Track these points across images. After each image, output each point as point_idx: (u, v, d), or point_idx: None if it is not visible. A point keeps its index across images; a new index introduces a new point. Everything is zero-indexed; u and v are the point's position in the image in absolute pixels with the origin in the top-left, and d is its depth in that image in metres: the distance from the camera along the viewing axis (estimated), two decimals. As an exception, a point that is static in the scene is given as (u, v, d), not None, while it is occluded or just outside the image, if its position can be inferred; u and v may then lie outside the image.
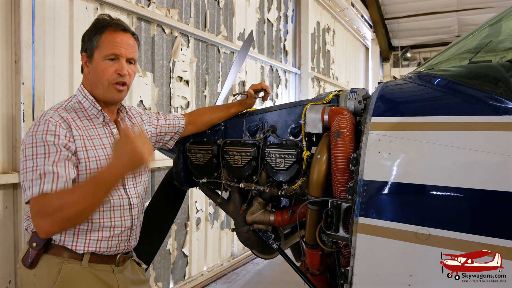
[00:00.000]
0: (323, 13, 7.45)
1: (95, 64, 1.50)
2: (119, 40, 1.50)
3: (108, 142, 1.53)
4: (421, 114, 1.29)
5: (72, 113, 1.48)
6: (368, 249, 1.23)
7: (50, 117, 1.40)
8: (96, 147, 1.48)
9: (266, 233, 1.83)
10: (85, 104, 1.53)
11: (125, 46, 1.51)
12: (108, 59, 1.49)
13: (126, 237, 1.57)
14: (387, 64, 12.20)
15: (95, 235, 1.47)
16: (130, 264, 1.67)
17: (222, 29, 4.39)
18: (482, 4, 9.27)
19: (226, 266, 4.47)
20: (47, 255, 1.44)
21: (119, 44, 1.50)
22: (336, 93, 1.67)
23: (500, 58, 1.76)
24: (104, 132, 1.54)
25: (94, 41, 1.50)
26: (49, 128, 1.37)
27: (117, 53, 1.49)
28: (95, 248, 1.47)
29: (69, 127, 1.42)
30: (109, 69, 1.49)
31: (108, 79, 1.49)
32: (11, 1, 2.29)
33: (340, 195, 1.40)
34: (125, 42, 1.51)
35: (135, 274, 1.67)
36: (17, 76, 2.30)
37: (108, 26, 1.50)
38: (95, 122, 1.53)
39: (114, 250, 1.53)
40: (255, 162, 1.76)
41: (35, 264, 1.44)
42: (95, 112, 1.53)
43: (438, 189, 1.17)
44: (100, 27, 1.51)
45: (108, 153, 1.50)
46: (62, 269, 1.43)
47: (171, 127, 1.87)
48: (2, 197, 2.27)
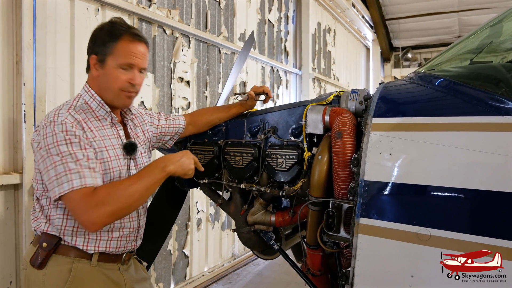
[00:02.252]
0: (324, 14, 7.45)
1: (107, 70, 1.49)
2: (134, 50, 1.50)
3: (117, 143, 1.54)
4: (422, 115, 1.29)
5: (82, 114, 1.48)
6: (369, 249, 1.23)
7: (65, 118, 1.39)
8: (107, 147, 1.49)
9: (267, 234, 1.83)
10: (92, 105, 1.52)
11: (140, 57, 1.51)
12: (122, 68, 1.49)
13: (133, 237, 1.60)
14: (388, 64, 12.20)
15: (105, 235, 1.49)
16: (133, 262, 1.69)
17: (223, 29, 4.39)
18: (483, 5, 9.26)
19: (227, 267, 4.47)
20: (56, 255, 1.46)
21: (135, 55, 1.50)
22: (337, 94, 1.67)
23: (501, 58, 1.76)
24: (112, 133, 1.54)
25: (108, 47, 1.48)
26: (67, 128, 1.38)
27: (132, 63, 1.49)
28: (105, 248, 1.49)
29: (82, 129, 1.42)
30: (122, 77, 1.49)
31: (120, 87, 1.50)
32: (13, 2, 2.29)
33: (341, 196, 1.40)
34: (140, 52, 1.51)
35: (138, 272, 1.69)
36: (18, 77, 2.30)
37: (125, 34, 1.49)
38: (103, 123, 1.53)
39: (122, 250, 1.56)
40: (256, 163, 1.76)
41: (45, 264, 1.44)
42: (103, 113, 1.53)
43: (439, 189, 1.17)
44: (116, 34, 1.49)
45: (118, 154, 1.51)
46: (72, 268, 1.44)
47: (171, 127, 1.87)
48: (4, 198, 2.28)
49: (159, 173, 1.45)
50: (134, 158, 1.61)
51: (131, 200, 1.36)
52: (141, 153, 1.66)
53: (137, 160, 1.62)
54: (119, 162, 1.51)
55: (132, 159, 1.60)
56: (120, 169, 1.51)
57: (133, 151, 1.57)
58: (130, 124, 1.69)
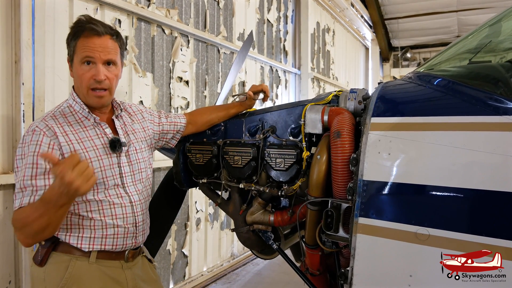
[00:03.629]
0: (323, 14, 7.45)
1: (75, 69, 1.51)
2: (91, 44, 1.46)
3: (101, 142, 1.53)
4: (421, 115, 1.29)
5: (60, 118, 1.49)
6: (368, 249, 1.23)
7: (36, 126, 1.43)
8: (87, 149, 1.48)
9: (266, 234, 1.83)
10: (76, 107, 1.54)
11: (100, 50, 1.47)
12: (84, 63, 1.47)
13: (132, 234, 1.58)
14: (387, 64, 12.20)
15: (99, 233, 1.49)
16: (142, 261, 1.68)
17: (222, 29, 4.39)
18: (482, 4, 9.27)
19: (226, 267, 4.47)
20: (56, 252, 1.48)
21: (93, 48, 1.46)
22: (336, 94, 1.67)
23: (500, 58, 1.76)
24: (96, 133, 1.53)
25: (72, 46, 1.50)
26: (33, 138, 1.41)
27: (91, 55, 1.46)
28: (100, 246, 1.50)
29: (54, 134, 1.43)
30: (86, 74, 1.48)
31: (86, 85, 1.49)
32: (11, 2, 2.29)
33: (340, 196, 1.40)
34: (99, 45, 1.47)
35: (145, 272, 1.68)
36: (17, 76, 2.30)
37: (84, 30, 1.47)
38: (86, 124, 1.53)
39: (121, 247, 1.55)
40: (255, 163, 1.76)
41: (45, 261, 1.47)
42: (85, 114, 1.53)
43: (438, 189, 1.17)
44: (75, 32, 1.49)
45: (100, 154, 1.51)
46: (69, 266, 1.46)
47: (172, 125, 1.87)
48: (2, 198, 2.27)
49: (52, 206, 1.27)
50: (128, 154, 1.60)
51: (35, 229, 1.30)
52: (135, 149, 1.64)
53: (130, 156, 1.60)
54: (101, 163, 1.50)
55: (124, 155, 1.58)
56: (102, 169, 1.49)
57: (115, 148, 1.53)
58: (126, 120, 1.67)
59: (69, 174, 1.18)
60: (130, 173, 1.59)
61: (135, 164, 1.62)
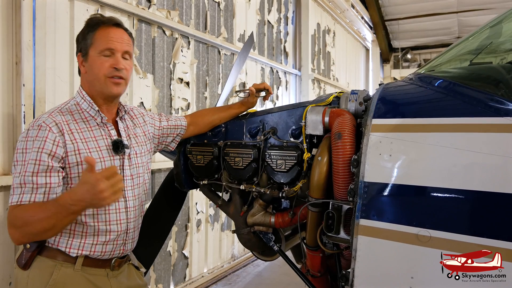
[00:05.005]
0: (323, 15, 7.45)
1: (90, 61, 1.51)
2: (112, 35, 1.51)
3: (104, 144, 1.51)
4: (422, 116, 1.29)
5: (67, 115, 1.48)
6: (369, 251, 1.23)
7: (43, 122, 1.41)
8: (91, 150, 1.47)
9: (267, 235, 1.83)
10: (83, 105, 1.53)
11: (119, 40, 1.52)
12: (104, 55, 1.49)
13: (121, 241, 1.55)
14: (388, 65, 12.20)
15: (90, 239, 1.47)
16: (128, 269, 1.65)
17: (222, 30, 4.39)
18: (482, 6, 9.27)
19: (226, 268, 4.46)
20: (41, 257, 1.44)
21: (113, 39, 1.50)
22: (337, 95, 1.67)
23: (501, 59, 1.76)
24: (100, 134, 1.52)
25: (88, 39, 1.51)
26: (38, 134, 1.38)
27: (112, 47, 1.50)
28: (89, 251, 1.47)
29: (60, 131, 1.41)
30: (105, 64, 1.49)
31: (105, 74, 1.50)
32: (12, 3, 2.29)
33: (341, 197, 1.39)
34: (119, 36, 1.52)
35: (131, 279, 1.65)
36: (18, 77, 2.30)
37: (101, 23, 1.52)
38: (91, 124, 1.52)
39: (109, 255, 1.52)
40: (256, 164, 1.75)
41: (29, 265, 1.44)
42: (93, 113, 1.52)
43: (439, 190, 1.17)
44: (93, 25, 1.52)
45: (103, 156, 1.49)
46: (54, 272, 1.42)
47: (172, 128, 1.87)
48: (3, 199, 2.27)
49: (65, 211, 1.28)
50: (129, 157, 1.59)
51: (37, 230, 1.30)
52: (136, 153, 1.63)
53: (131, 159, 1.60)
54: (103, 165, 1.48)
55: (126, 158, 1.57)
56: None
57: (118, 149, 1.52)
58: (128, 124, 1.67)
59: (104, 183, 1.20)
60: (130, 177, 1.59)
61: (135, 168, 1.61)
